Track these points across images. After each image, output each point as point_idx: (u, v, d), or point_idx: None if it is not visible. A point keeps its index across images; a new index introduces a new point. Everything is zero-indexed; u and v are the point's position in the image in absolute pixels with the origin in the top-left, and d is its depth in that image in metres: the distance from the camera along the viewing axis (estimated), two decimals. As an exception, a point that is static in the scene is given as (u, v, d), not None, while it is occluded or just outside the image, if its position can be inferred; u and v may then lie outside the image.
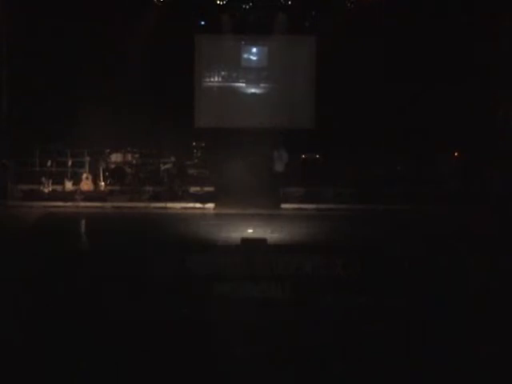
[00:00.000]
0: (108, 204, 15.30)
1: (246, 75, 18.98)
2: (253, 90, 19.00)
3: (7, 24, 16.23)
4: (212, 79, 18.91)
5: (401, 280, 8.95)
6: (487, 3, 16.30)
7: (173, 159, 17.06)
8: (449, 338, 6.95)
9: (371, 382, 6.11)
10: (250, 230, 12.56)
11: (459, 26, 16.48)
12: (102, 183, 16.11)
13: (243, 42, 18.89)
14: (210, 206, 15.29)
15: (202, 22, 18.45)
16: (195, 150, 17.91)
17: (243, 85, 18.97)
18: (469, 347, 6.75)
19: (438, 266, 9.61)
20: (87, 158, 16.51)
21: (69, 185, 16.12)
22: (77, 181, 16.11)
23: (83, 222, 13.79)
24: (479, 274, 9.12)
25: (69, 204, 15.18)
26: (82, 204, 15.21)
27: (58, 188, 16.09)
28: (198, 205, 15.35)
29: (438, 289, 8.53)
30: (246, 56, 18.96)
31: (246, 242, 10.87)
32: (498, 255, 10.14)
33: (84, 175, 16.02)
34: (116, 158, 17.27)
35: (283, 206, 15.43)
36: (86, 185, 15.87)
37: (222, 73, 18.95)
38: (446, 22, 16.57)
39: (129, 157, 17.26)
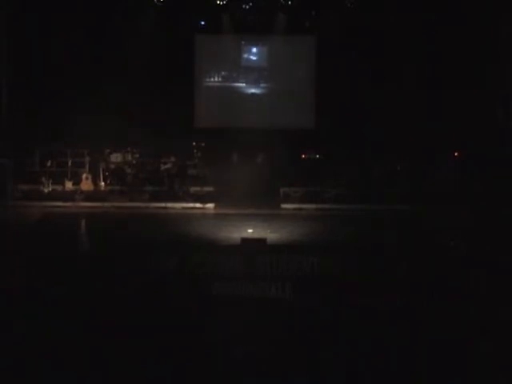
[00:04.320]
0: (108, 204, 15.30)
1: (246, 75, 18.96)
2: (253, 90, 18.98)
3: (7, 24, 16.24)
4: (212, 79, 18.88)
5: (400, 280, 8.95)
6: (487, 3, 16.30)
7: (173, 159, 17.08)
8: (449, 337, 6.96)
9: (371, 382, 6.11)
10: (250, 230, 12.57)
11: (459, 25, 16.48)
12: (102, 183, 16.11)
13: (243, 42, 18.85)
14: (210, 205, 15.30)
15: (202, 22, 18.44)
16: (195, 150, 17.90)
17: (243, 85, 18.95)
18: (469, 347, 6.75)
19: (437, 265, 9.62)
20: (87, 158, 16.53)
21: (69, 185, 16.14)
22: (77, 181, 16.12)
23: (83, 222, 13.79)
24: (479, 274, 9.12)
25: (69, 204, 15.18)
26: (82, 204, 15.21)
27: (58, 188, 16.10)
28: (198, 205, 15.36)
29: (437, 289, 8.53)
30: (245, 56, 18.93)
31: (246, 241, 10.88)
32: (497, 255, 10.16)
33: (84, 175, 16.04)
34: (116, 158, 17.27)
35: (283, 206, 15.44)
36: (86, 185, 15.88)
37: (222, 73, 18.93)
38: (446, 22, 16.56)
39: (129, 157, 17.27)
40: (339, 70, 16.82)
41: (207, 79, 18.86)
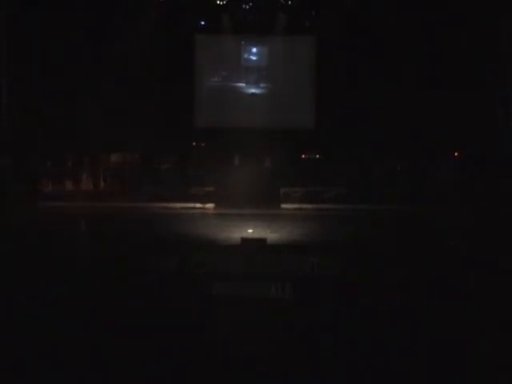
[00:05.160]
0: (108, 204, 15.30)
1: (246, 75, 18.97)
2: (253, 90, 18.98)
3: (7, 24, 16.24)
4: (212, 79, 18.90)
5: (400, 280, 8.95)
6: (487, 3, 16.30)
7: (173, 159, 17.09)
8: (449, 337, 6.95)
9: (371, 382, 6.11)
10: (250, 230, 12.57)
11: (459, 25, 16.49)
12: (102, 183, 16.12)
13: (243, 42, 18.87)
14: (210, 205, 15.31)
15: (202, 22, 18.45)
16: (195, 150, 17.91)
17: (243, 85, 18.96)
18: (469, 347, 6.75)
19: (437, 265, 9.61)
20: (87, 158, 16.55)
21: (69, 185, 16.15)
22: (77, 181, 16.13)
23: (83, 222, 13.79)
24: (479, 274, 9.12)
25: (69, 204, 15.18)
26: (82, 204, 15.21)
27: (58, 188, 16.11)
28: (198, 205, 15.36)
29: (437, 289, 8.53)
30: (246, 56, 18.95)
31: (246, 241, 10.87)
32: (497, 255, 10.15)
33: (84, 175, 16.05)
34: (116, 158, 17.30)
35: (283, 206, 15.44)
36: (86, 185, 15.89)
37: (222, 73, 18.94)
38: (446, 22, 16.57)
39: (129, 157, 17.29)
40: (339, 70, 16.83)
41: (207, 79, 18.86)
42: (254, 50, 19.01)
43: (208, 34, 18.49)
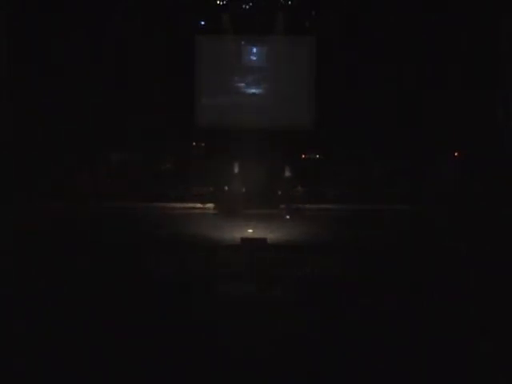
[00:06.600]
0: (109, 204, 15.30)
1: (246, 75, 18.96)
2: (253, 90, 18.97)
3: (7, 24, 16.23)
4: (212, 79, 18.88)
5: (400, 280, 8.96)
6: (487, 3, 16.30)
7: (173, 159, 17.09)
8: (449, 337, 6.96)
9: (371, 382, 6.11)
10: (250, 230, 12.57)
11: (459, 25, 16.49)
12: (103, 183, 16.10)
13: (243, 42, 18.84)
14: (210, 205, 15.31)
15: (202, 22, 18.45)
16: (195, 150, 17.90)
17: (243, 85, 18.95)
18: (469, 347, 6.76)
19: (437, 265, 9.62)
20: (88, 158, 16.53)
21: (70, 185, 16.13)
22: (79, 181, 16.11)
23: (83, 222, 13.79)
24: (479, 274, 9.13)
25: (69, 205, 15.17)
26: (84, 204, 15.21)
27: (59, 188, 16.09)
28: (198, 205, 15.37)
29: (437, 289, 8.54)
30: (246, 56, 18.92)
31: (246, 241, 10.88)
32: (497, 255, 10.16)
33: (85, 175, 16.04)
34: (116, 157, 17.29)
35: (283, 206, 15.43)
36: (87, 185, 15.89)
37: (222, 73, 18.92)
38: (446, 22, 16.57)
39: (130, 157, 17.28)
40: (339, 70, 16.83)
41: (207, 79, 18.84)
42: (254, 50, 18.98)
43: (208, 35, 18.46)
